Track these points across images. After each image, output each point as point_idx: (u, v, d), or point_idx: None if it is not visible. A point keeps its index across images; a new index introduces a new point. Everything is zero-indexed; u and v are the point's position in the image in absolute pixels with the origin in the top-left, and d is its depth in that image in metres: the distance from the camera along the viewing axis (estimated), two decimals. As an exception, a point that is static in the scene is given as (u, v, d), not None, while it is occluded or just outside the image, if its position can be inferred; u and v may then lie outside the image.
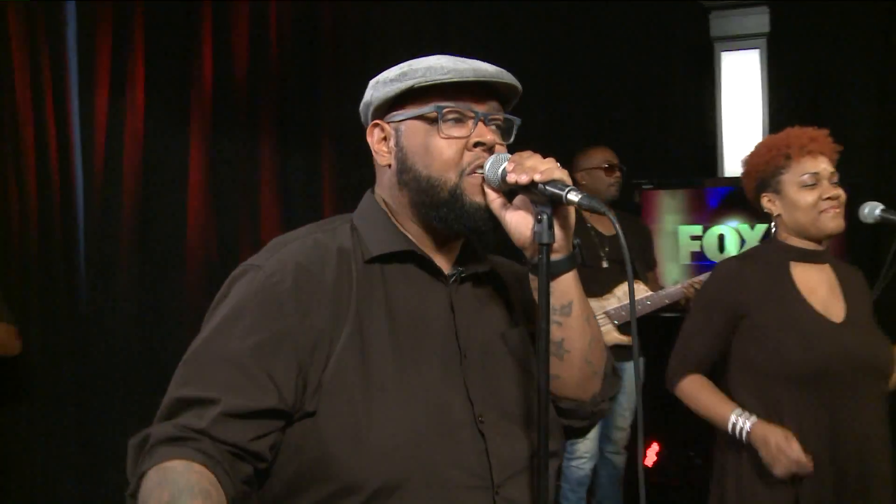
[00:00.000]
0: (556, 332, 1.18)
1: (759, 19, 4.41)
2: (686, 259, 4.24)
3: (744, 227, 4.13)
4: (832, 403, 1.93)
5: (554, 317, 1.16)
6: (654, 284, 3.71)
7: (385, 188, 1.26)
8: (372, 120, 1.25)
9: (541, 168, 1.11)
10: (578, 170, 3.63)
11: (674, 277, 4.12)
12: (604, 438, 3.76)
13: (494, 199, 1.17)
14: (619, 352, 3.56)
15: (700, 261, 4.18)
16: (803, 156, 2.01)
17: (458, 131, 1.18)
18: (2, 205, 3.38)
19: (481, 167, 1.18)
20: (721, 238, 4.19)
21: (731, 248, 4.14)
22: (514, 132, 1.26)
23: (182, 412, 1.06)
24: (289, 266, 1.14)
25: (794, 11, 4.40)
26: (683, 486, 4.00)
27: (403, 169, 1.21)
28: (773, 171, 2.05)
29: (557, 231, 1.13)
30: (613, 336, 3.53)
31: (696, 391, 2.09)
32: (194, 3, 4.01)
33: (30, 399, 3.48)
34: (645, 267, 3.75)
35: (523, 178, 1.11)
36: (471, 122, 1.18)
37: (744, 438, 1.96)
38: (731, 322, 2.06)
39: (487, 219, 1.18)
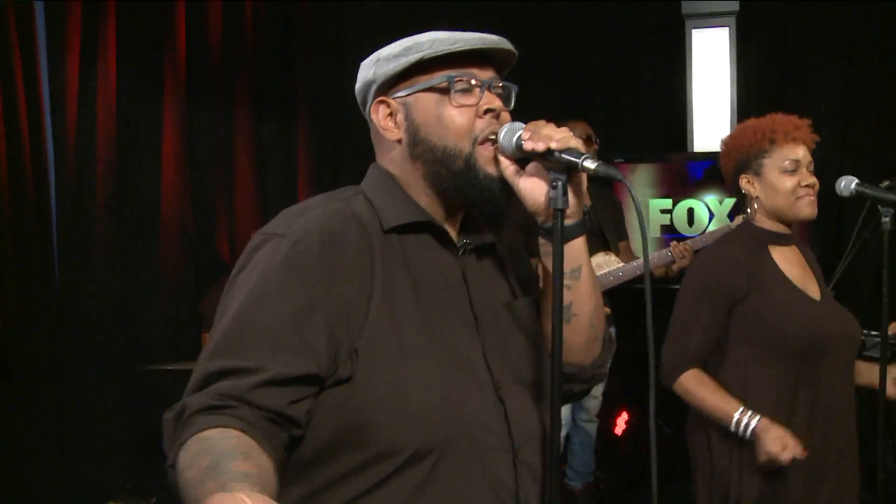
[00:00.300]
0: (566, 296, 1.21)
1: (728, -1, 4.50)
2: (656, 232, 4.35)
3: (712, 201, 4.24)
4: (818, 375, 2.04)
5: (565, 280, 1.20)
6: (627, 255, 3.79)
7: (394, 163, 1.26)
8: (375, 97, 1.25)
9: (557, 136, 1.14)
10: (556, 145, 3.67)
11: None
12: (577, 407, 3.85)
13: (508, 167, 1.21)
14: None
15: (669, 234, 4.28)
16: (787, 142, 2.07)
17: (467, 100, 1.21)
18: (-28, 178, 3.31)
19: (494, 134, 1.21)
20: (690, 212, 4.30)
21: (700, 222, 4.25)
22: (513, 98, 1.28)
23: (217, 382, 1.05)
24: (313, 233, 1.12)
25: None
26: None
27: (416, 142, 1.22)
28: (757, 153, 2.11)
29: (571, 197, 1.17)
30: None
31: (697, 387, 2.07)
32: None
33: (6, 375, 3.44)
34: (617, 238, 3.83)
35: (540, 146, 1.14)
36: (477, 91, 1.21)
37: (748, 435, 1.99)
38: (725, 309, 2.09)
39: (501, 188, 1.22)
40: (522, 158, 1.20)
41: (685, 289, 2.17)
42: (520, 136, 1.18)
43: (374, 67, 1.25)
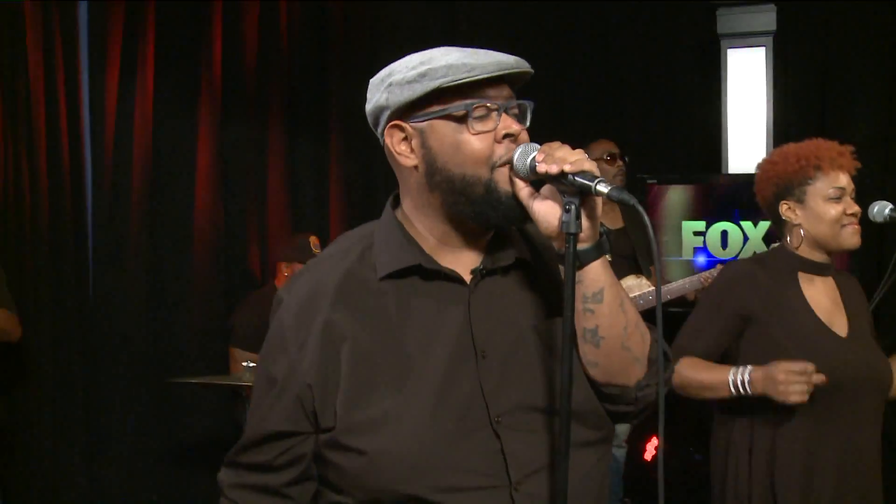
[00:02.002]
0: (589, 320, 1.18)
1: (766, 17, 4.43)
2: (689, 254, 4.28)
3: (747, 224, 4.16)
4: (834, 416, 1.96)
5: (586, 305, 1.17)
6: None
7: (412, 191, 1.25)
8: (388, 122, 1.23)
9: (570, 159, 1.11)
10: (580, 166, 3.65)
11: (677, 273, 4.15)
12: (604, 430, 3.78)
13: (522, 189, 1.18)
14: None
15: (703, 258, 4.21)
16: (833, 169, 2.02)
17: (485, 126, 1.18)
18: (14, 189, 3.38)
19: (510, 159, 1.18)
20: (724, 234, 4.22)
21: (734, 245, 4.17)
22: (529, 116, 1.25)
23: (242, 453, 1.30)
24: (292, 300, 1.25)
25: (801, 10, 4.42)
26: (684, 481, 4.03)
27: (433, 171, 1.20)
28: (800, 180, 2.05)
29: (584, 221, 1.13)
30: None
31: (690, 369, 2.03)
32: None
33: (38, 385, 3.49)
34: (649, 261, 3.78)
35: (553, 169, 1.11)
36: (494, 115, 1.19)
37: (748, 389, 1.93)
38: (737, 324, 2.05)
39: (521, 206, 1.19)
40: (537, 181, 1.17)
41: (704, 295, 2.20)
42: (534, 157, 1.15)
43: (386, 93, 1.21)
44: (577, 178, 1.10)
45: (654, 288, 3.56)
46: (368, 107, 1.26)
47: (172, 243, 3.92)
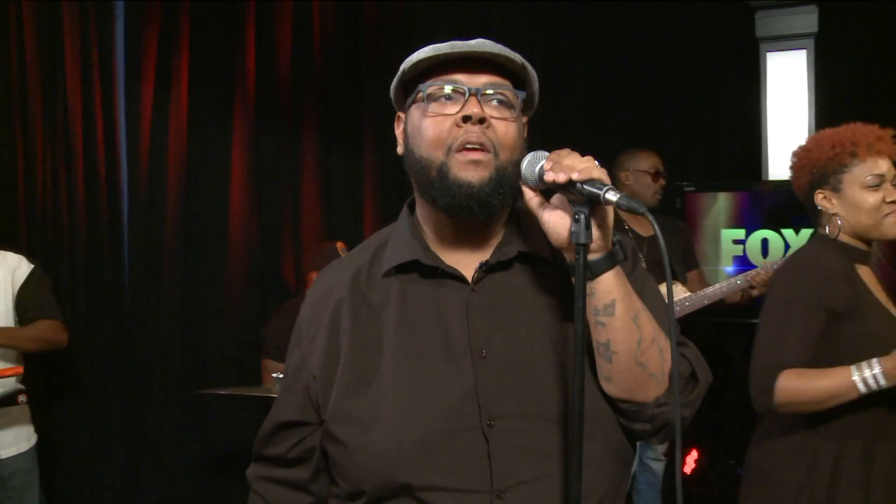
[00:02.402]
0: (601, 334, 1.14)
1: (807, 18, 4.32)
2: (728, 263, 4.18)
3: (788, 232, 4.05)
4: None
5: (598, 317, 1.13)
6: (696, 285, 3.65)
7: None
8: (396, 113, 1.31)
9: (578, 167, 1.07)
10: (623, 169, 3.58)
11: (716, 281, 4.06)
12: (644, 444, 3.71)
13: (532, 198, 1.15)
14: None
15: (743, 265, 4.11)
16: (871, 155, 1.92)
17: (446, 109, 1.18)
18: (52, 202, 3.44)
19: (469, 142, 1.16)
20: (765, 242, 4.12)
21: (775, 253, 4.06)
22: (518, 105, 1.21)
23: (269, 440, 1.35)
24: (310, 295, 1.31)
25: (844, 10, 4.30)
26: (723, 495, 3.93)
27: (406, 154, 1.23)
28: (836, 167, 1.95)
29: (595, 231, 1.09)
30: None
31: (800, 380, 1.80)
32: (239, 1, 4.05)
33: (76, 393, 3.53)
34: (684, 267, 3.69)
35: (561, 177, 1.07)
36: (462, 99, 1.17)
37: (882, 382, 1.76)
38: (826, 322, 1.85)
39: (475, 195, 1.15)
40: (547, 190, 1.13)
41: (770, 307, 1.94)
42: (542, 165, 1.12)
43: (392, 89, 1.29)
44: (585, 187, 1.06)
45: (689, 294, 3.47)
46: None
47: (207, 254, 3.94)
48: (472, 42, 1.18)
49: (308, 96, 4.29)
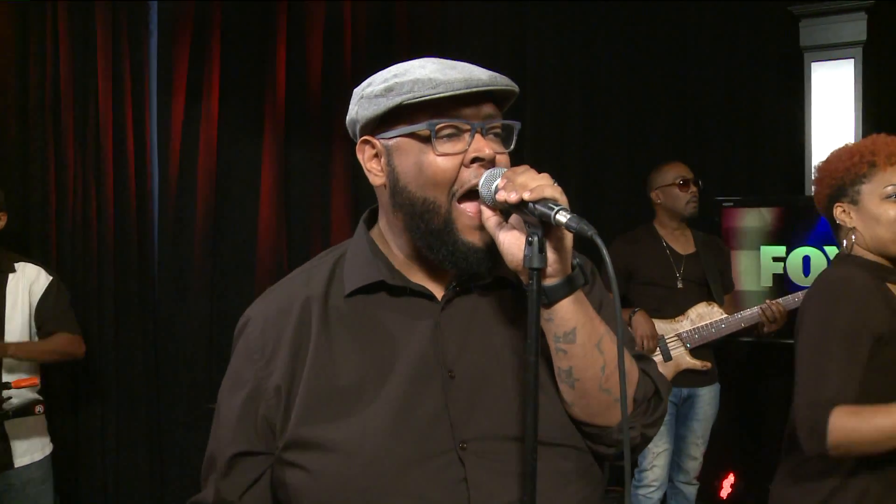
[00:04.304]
0: (562, 360, 1.09)
1: (855, 27, 4.13)
2: (768, 282, 4.01)
3: (831, 249, 3.87)
4: None
5: (558, 344, 1.08)
6: (729, 308, 3.52)
7: (383, 207, 1.20)
8: (360, 136, 1.17)
9: (531, 185, 1.00)
10: (652, 189, 3.49)
11: (754, 301, 3.90)
12: (675, 467, 3.58)
13: (489, 218, 1.08)
14: (691, 377, 3.40)
15: (783, 284, 3.94)
16: (891, 164, 1.79)
17: (453, 146, 1.09)
18: (83, 213, 3.50)
19: (475, 189, 1.09)
20: (806, 260, 3.94)
21: (817, 271, 3.88)
22: (515, 137, 1.15)
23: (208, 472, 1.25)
24: (259, 316, 1.20)
25: (894, 17, 4.10)
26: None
27: (396, 191, 1.13)
28: (854, 179, 1.83)
29: (551, 254, 1.02)
30: (686, 360, 3.37)
31: (855, 419, 1.64)
32: (270, 14, 4.07)
33: (103, 401, 3.58)
34: (721, 288, 3.56)
35: (512, 197, 1.00)
36: (467, 135, 1.10)
37: None
38: (872, 350, 1.70)
39: (482, 259, 1.10)
40: (506, 209, 1.06)
41: (806, 337, 1.78)
42: (497, 184, 1.05)
43: (357, 106, 1.16)
44: (537, 207, 0.99)
45: (725, 316, 3.36)
46: (347, 118, 1.21)
47: (235, 266, 3.97)
48: (480, 73, 1.11)
49: (338, 108, 4.28)
